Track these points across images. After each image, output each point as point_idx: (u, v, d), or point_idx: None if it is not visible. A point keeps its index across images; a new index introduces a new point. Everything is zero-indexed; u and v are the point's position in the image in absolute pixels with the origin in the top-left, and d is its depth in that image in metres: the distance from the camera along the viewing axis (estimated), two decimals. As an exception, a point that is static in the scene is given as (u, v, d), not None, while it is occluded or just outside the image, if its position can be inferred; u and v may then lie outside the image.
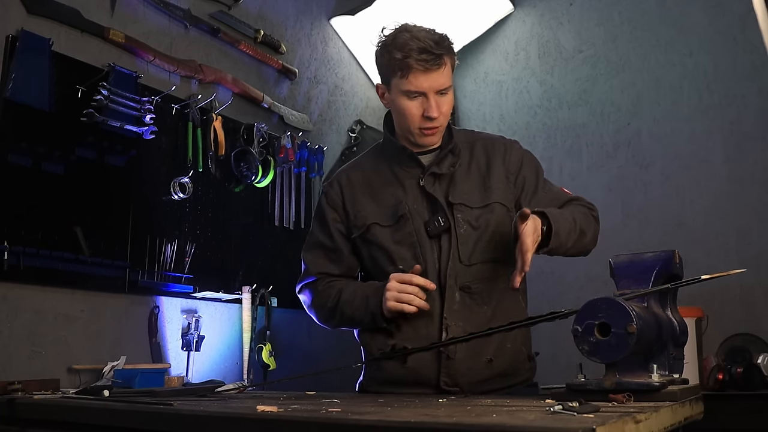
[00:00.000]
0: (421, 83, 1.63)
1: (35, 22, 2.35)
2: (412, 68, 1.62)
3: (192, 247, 2.73)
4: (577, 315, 1.17)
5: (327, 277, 1.79)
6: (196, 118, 2.80)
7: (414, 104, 1.66)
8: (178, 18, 2.84)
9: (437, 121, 1.68)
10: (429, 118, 1.66)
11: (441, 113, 1.67)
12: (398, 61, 1.63)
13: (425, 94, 1.65)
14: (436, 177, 1.72)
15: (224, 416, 1.08)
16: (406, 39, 1.64)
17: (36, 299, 2.25)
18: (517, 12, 3.85)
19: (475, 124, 3.82)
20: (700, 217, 3.06)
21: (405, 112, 1.68)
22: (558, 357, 2.25)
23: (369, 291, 1.67)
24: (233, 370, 2.81)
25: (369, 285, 1.71)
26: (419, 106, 1.66)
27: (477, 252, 1.67)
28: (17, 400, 1.51)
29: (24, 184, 2.27)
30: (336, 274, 1.80)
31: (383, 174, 1.77)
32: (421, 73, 1.63)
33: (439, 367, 1.62)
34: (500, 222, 1.70)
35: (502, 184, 1.73)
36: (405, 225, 1.69)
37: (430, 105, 1.65)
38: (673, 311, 1.33)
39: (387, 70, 1.68)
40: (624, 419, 0.86)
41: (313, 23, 3.54)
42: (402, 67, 1.63)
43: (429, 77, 1.63)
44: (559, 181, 3.31)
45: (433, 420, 0.89)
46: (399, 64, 1.63)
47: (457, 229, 1.66)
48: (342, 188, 1.81)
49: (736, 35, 3.08)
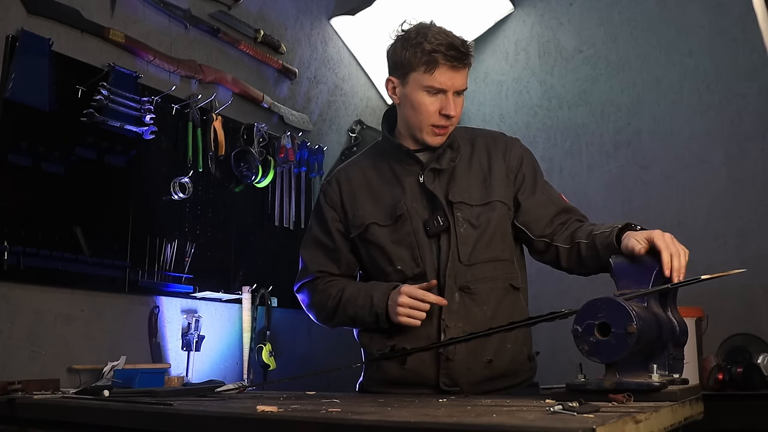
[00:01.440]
0: (445, 80, 1.63)
1: (35, 22, 2.35)
2: (439, 64, 1.61)
3: (192, 247, 2.73)
4: (577, 315, 1.17)
5: (326, 275, 1.78)
6: (196, 118, 2.80)
7: (432, 100, 1.65)
8: (178, 18, 2.84)
9: (450, 121, 1.67)
10: (447, 116, 1.65)
11: (456, 114, 1.67)
12: (426, 54, 1.61)
13: (445, 92, 1.64)
14: (436, 173, 1.70)
15: (224, 416, 1.08)
16: (435, 33, 1.63)
17: (36, 299, 2.25)
18: (517, 12, 3.85)
19: (475, 124, 3.82)
20: (700, 217, 3.06)
21: (421, 108, 1.66)
22: (558, 357, 2.25)
23: (374, 291, 1.66)
24: (233, 370, 2.81)
25: (373, 285, 1.70)
26: (437, 103, 1.65)
27: (477, 251, 1.66)
28: (17, 400, 1.51)
29: (24, 184, 2.27)
30: (335, 272, 1.79)
31: (382, 172, 1.76)
32: (447, 69, 1.62)
33: (438, 368, 1.62)
34: (501, 220, 1.69)
35: (503, 182, 1.72)
36: (403, 225, 1.68)
37: (448, 103, 1.64)
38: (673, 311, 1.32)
39: (408, 63, 1.65)
40: (624, 419, 0.85)
41: (313, 23, 3.54)
42: (429, 61, 1.61)
43: (454, 75, 1.63)
44: (559, 181, 3.34)
45: (433, 420, 0.89)
46: (426, 57, 1.61)
47: (456, 229, 1.65)
48: (341, 187, 1.80)
49: (736, 35, 3.08)
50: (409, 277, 1.66)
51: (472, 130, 1.84)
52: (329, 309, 1.74)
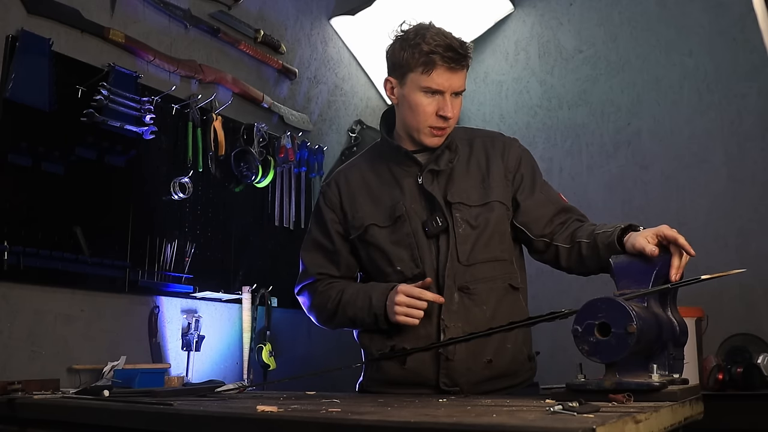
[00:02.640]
0: (443, 81, 1.62)
1: (35, 22, 2.35)
2: (437, 65, 1.61)
3: (192, 247, 2.73)
4: (577, 315, 1.17)
5: (327, 278, 1.79)
6: (196, 118, 2.80)
7: (429, 101, 1.64)
8: (178, 18, 2.84)
9: (448, 123, 1.67)
10: (444, 117, 1.64)
11: (453, 115, 1.66)
12: (424, 55, 1.61)
13: (442, 93, 1.64)
14: (434, 174, 1.70)
15: (224, 416, 1.08)
16: (433, 34, 1.62)
17: (36, 299, 2.25)
18: (517, 12, 3.85)
19: (475, 124, 3.82)
20: (700, 217, 3.06)
21: (418, 109, 1.66)
22: (558, 357, 2.25)
23: (372, 292, 1.66)
24: (233, 370, 2.81)
25: (371, 286, 1.70)
26: (434, 103, 1.64)
27: (476, 252, 1.66)
28: (17, 400, 1.51)
29: (24, 184, 2.27)
30: (335, 274, 1.79)
31: (381, 174, 1.76)
32: (444, 70, 1.62)
33: (438, 368, 1.62)
34: (499, 221, 1.69)
35: (501, 183, 1.72)
36: (402, 226, 1.68)
37: (446, 104, 1.64)
38: (673, 311, 1.32)
39: (406, 64, 1.65)
40: (624, 419, 0.85)
41: (313, 23, 3.54)
42: (427, 62, 1.61)
43: (451, 77, 1.63)
44: (559, 181, 3.34)
45: (433, 420, 0.89)
46: (424, 58, 1.61)
47: (455, 229, 1.65)
48: (340, 189, 1.80)
49: (736, 35, 3.08)
50: (408, 278, 1.66)
51: (470, 130, 1.84)
52: (329, 311, 1.75)
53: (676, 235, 1.34)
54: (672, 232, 1.35)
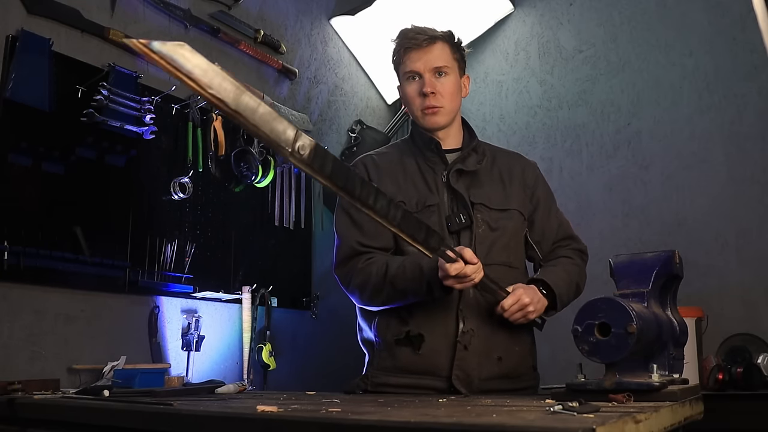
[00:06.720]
0: (414, 62, 1.74)
1: (35, 22, 2.35)
2: (405, 50, 1.75)
3: (192, 247, 2.72)
4: (577, 315, 1.17)
5: (365, 253, 1.73)
6: (196, 118, 2.79)
7: (413, 86, 1.76)
8: (178, 18, 2.83)
9: (435, 100, 1.73)
10: (423, 94, 1.73)
11: (437, 92, 1.73)
12: (397, 49, 1.77)
13: (421, 75, 1.74)
14: (460, 174, 1.76)
15: (224, 416, 1.08)
16: (404, 30, 1.78)
17: (36, 299, 2.25)
18: (517, 12, 3.85)
19: (475, 124, 3.77)
20: (700, 217, 3.05)
21: (408, 96, 1.78)
22: (558, 357, 2.25)
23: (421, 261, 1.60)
24: (233, 370, 2.81)
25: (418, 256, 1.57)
26: (417, 86, 1.75)
27: (492, 254, 1.71)
28: (17, 400, 1.51)
29: (24, 184, 2.27)
30: (374, 247, 1.73)
31: (408, 168, 1.80)
32: (413, 52, 1.74)
33: (453, 358, 1.64)
34: (516, 230, 1.78)
35: (521, 194, 1.81)
36: (431, 215, 1.70)
37: (425, 83, 1.73)
38: (673, 311, 1.33)
39: (395, 65, 1.81)
40: (624, 419, 0.86)
41: (313, 23, 3.54)
42: (399, 53, 1.77)
43: (422, 56, 1.73)
44: (559, 181, 3.34)
45: (433, 420, 0.89)
46: (397, 52, 1.77)
47: (475, 229, 1.71)
48: (367, 168, 1.82)
49: (736, 35, 3.08)
50: None
51: (493, 146, 1.94)
52: (373, 286, 1.68)
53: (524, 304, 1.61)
54: (525, 301, 1.61)
